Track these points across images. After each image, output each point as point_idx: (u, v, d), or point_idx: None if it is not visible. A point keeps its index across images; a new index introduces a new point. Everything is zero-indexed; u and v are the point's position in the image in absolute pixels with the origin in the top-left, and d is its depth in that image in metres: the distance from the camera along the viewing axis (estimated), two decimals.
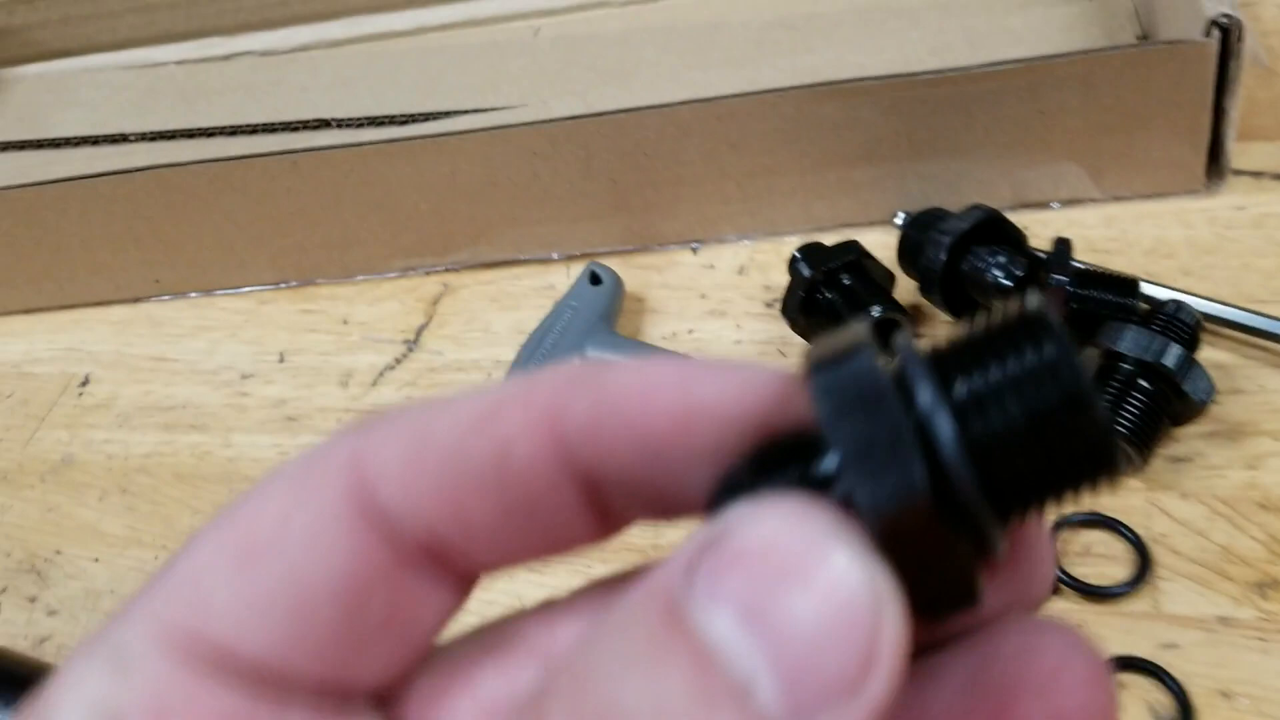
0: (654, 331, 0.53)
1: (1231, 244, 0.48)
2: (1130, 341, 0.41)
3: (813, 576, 0.13)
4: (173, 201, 0.57)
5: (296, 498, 0.16)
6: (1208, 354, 0.44)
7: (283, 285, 0.61)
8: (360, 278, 0.59)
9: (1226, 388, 0.43)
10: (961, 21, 0.58)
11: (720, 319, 0.52)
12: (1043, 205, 0.52)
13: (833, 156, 0.51)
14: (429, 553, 0.16)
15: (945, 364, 0.15)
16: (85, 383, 0.59)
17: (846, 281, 0.47)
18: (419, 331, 0.56)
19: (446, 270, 0.58)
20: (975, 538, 0.15)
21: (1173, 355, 0.40)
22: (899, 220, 0.52)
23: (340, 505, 0.16)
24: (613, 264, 0.54)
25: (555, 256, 0.57)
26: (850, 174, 0.52)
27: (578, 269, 0.56)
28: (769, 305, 0.52)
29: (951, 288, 0.47)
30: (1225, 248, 0.48)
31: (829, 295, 0.47)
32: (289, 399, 0.55)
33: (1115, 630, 0.38)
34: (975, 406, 0.15)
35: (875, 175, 0.52)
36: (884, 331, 0.47)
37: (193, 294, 0.62)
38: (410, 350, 0.56)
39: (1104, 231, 0.50)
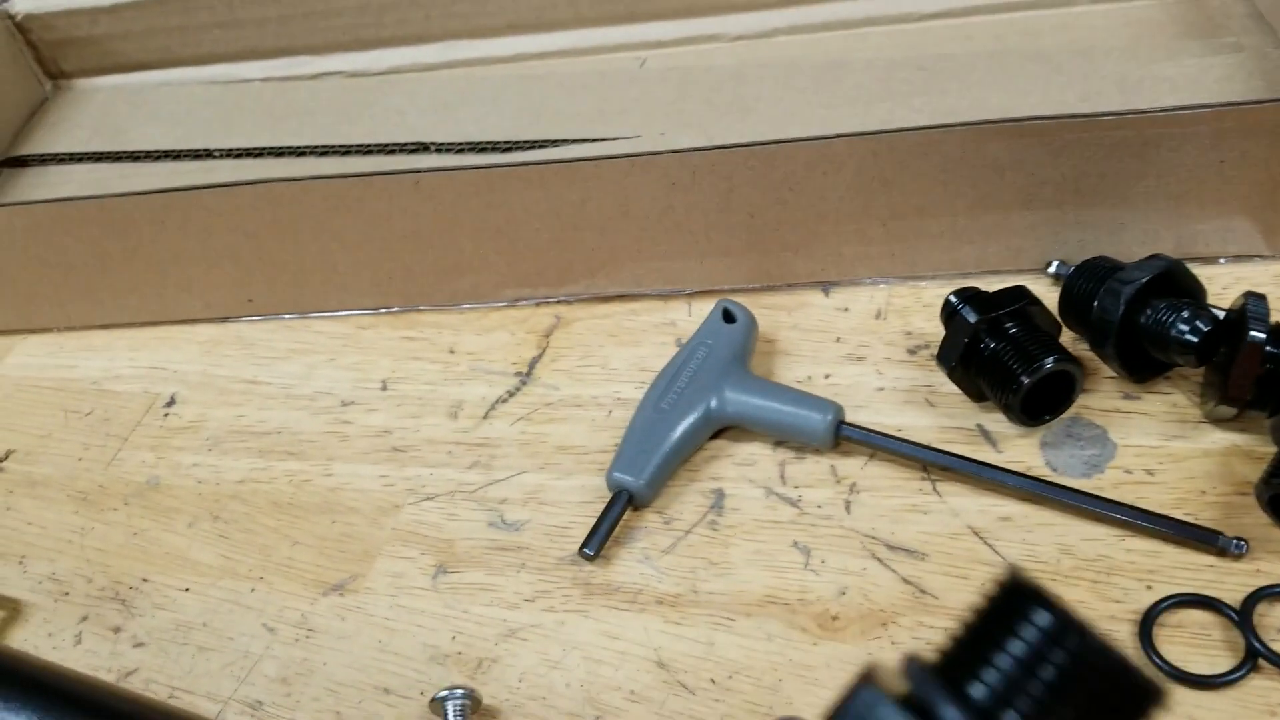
0: (788, 374, 0.50)
1: None
2: None
3: None
4: (279, 218, 0.55)
5: None
6: None
7: (383, 310, 0.58)
8: (466, 306, 0.57)
9: None
10: (1109, 67, 0.56)
11: (859, 364, 0.50)
12: (1209, 260, 0.49)
13: (990, 200, 0.49)
14: None
15: (955, 669, 0.16)
16: (171, 403, 0.56)
17: (1012, 330, 0.45)
18: (532, 364, 0.54)
19: (559, 302, 0.56)
20: None
21: None
22: (1053, 269, 0.50)
23: None
24: (739, 302, 0.52)
25: (677, 292, 0.54)
26: (1006, 218, 0.50)
27: (701, 306, 0.54)
28: (912, 352, 0.49)
29: (1127, 343, 0.44)
30: None
31: (993, 344, 0.44)
32: (394, 428, 0.52)
33: None
34: (1000, 703, 0.16)
35: (1032, 221, 0.50)
36: (1061, 385, 0.44)
37: (287, 315, 0.59)
38: (523, 383, 0.53)
39: (1274, 290, 0.47)
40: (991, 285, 0.47)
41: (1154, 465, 0.43)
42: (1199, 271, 0.49)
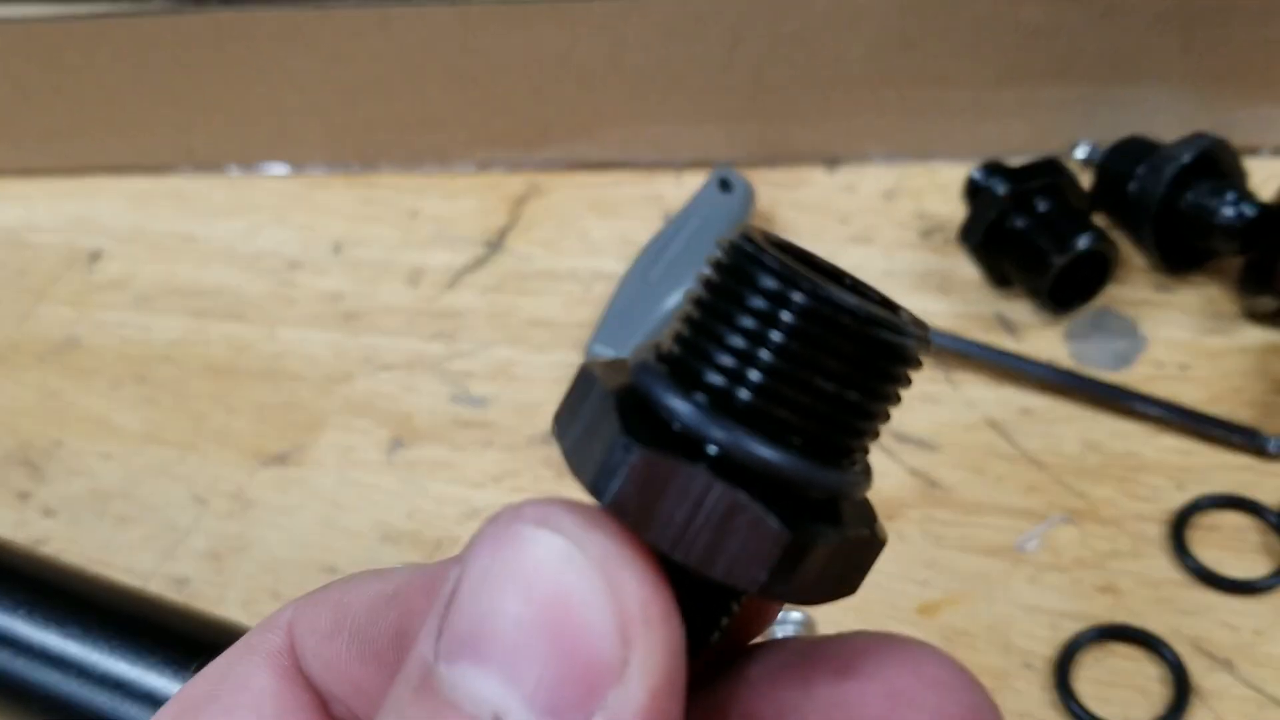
0: None
1: None
2: None
3: (520, 587, 0.14)
4: (224, 54, 0.50)
5: (238, 654, 0.18)
6: None
7: (338, 169, 0.53)
8: (430, 168, 0.52)
9: None
10: None
11: (865, 246, 0.46)
12: (1248, 151, 0.46)
13: (1020, 69, 0.45)
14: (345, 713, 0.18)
15: (686, 353, 0.15)
16: (96, 258, 0.51)
17: (1043, 207, 0.41)
18: (503, 232, 0.49)
19: (534, 170, 0.51)
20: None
21: None
22: (1080, 153, 0.46)
23: (271, 664, 0.18)
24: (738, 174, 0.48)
25: (665, 163, 0.50)
26: (1034, 93, 0.46)
27: (691, 180, 0.50)
28: (925, 235, 0.46)
29: (1166, 227, 0.41)
30: None
31: (1021, 221, 0.41)
32: (347, 293, 0.48)
33: None
34: (733, 381, 0.14)
35: (1063, 97, 0.46)
36: (1092, 270, 0.41)
37: (231, 169, 0.54)
38: (494, 252, 0.48)
39: None
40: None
41: (1187, 360, 0.40)
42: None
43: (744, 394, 0.15)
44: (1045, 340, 0.41)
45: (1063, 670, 0.32)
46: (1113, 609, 0.34)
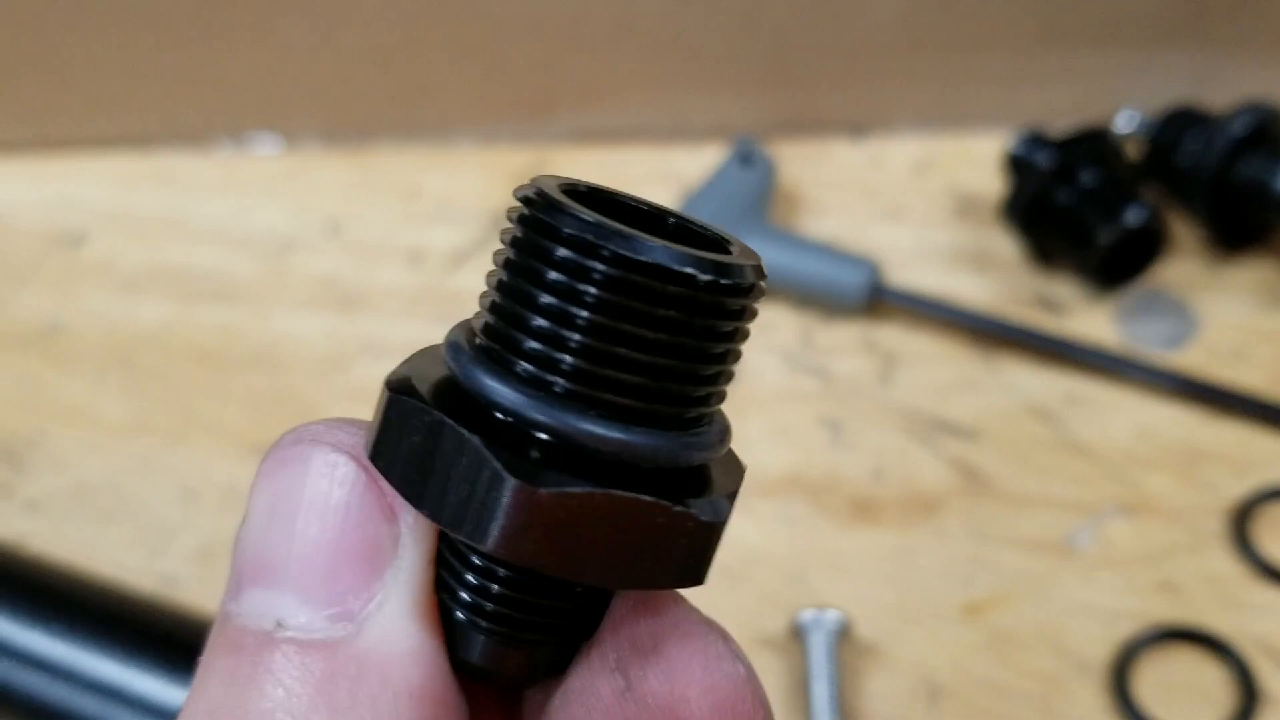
0: (812, 230, 0.44)
1: None
2: None
3: (286, 505, 0.16)
4: (211, 20, 0.48)
5: None
6: None
7: (334, 143, 0.51)
8: (431, 141, 0.50)
9: None
10: None
11: (896, 223, 0.44)
12: None
13: (1065, 29, 0.43)
14: None
15: (502, 327, 0.15)
16: (80, 239, 0.50)
17: (1089, 180, 0.39)
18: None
19: (541, 142, 0.49)
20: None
21: None
22: (1125, 122, 0.45)
23: None
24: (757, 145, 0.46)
25: (680, 134, 0.48)
26: (1076, 57, 0.44)
27: (709, 152, 0.48)
28: (959, 211, 0.44)
29: (1220, 199, 0.39)
30: None
31: (1066, 195, 0.39)
32: (344, 275, 0.46)
33: None
34: (555, 346, 0.14)
35: (1106, 62, 0.44)
36: (1142, 247, 0.39)
37: (222, 143, 0.52)
38: (497, 230, 0.47)
39: None
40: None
41: (1244, 342, 0.38)
42: None
43: (557, 379, 0.14)
44: (1092, 321, 0.40)
45: (1120, 674, 0.31)
46: (1172, 608, 0.32)
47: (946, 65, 0.45)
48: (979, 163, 0.45)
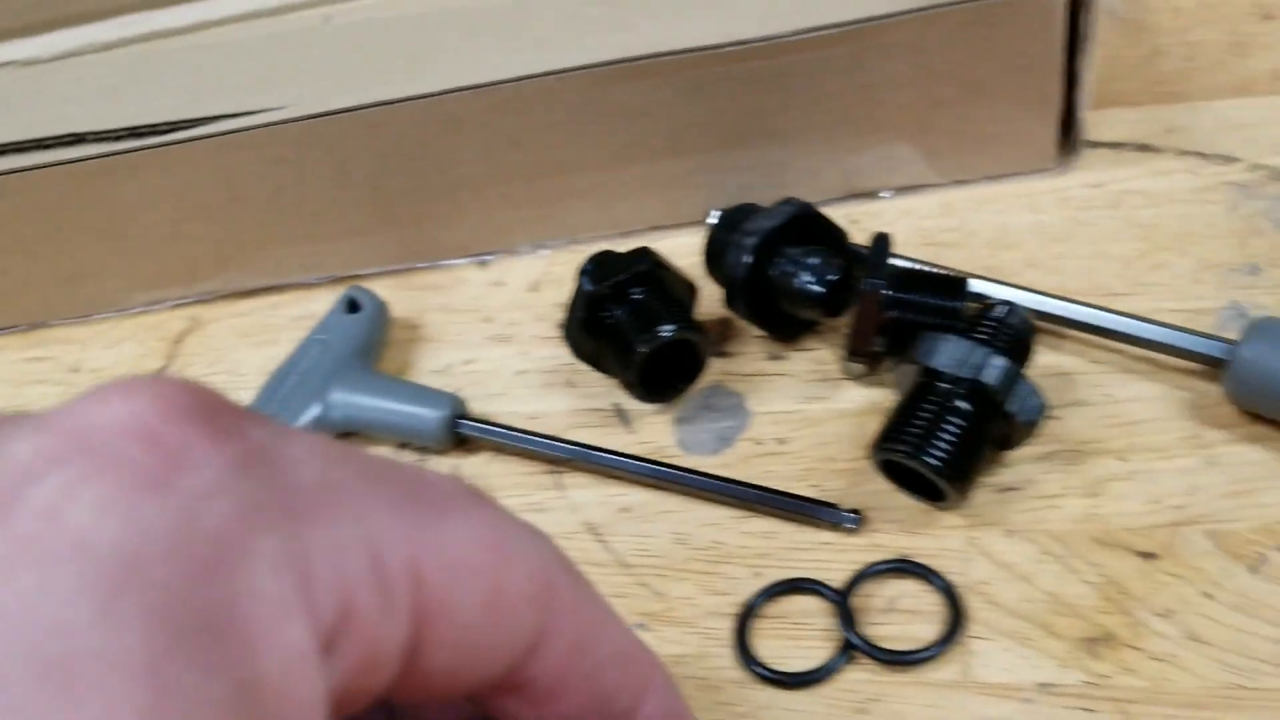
0: (426, 364, 0.47)
1: (1084, 228, 0.43)
2: (946, 355, 0.35)
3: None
4: None
5: None
6: (1049, 359, 0.39)
7: (12, 330, 0.54)
8: (99, 316, 0.53)
9: (1068, 399, 0.38)
10: None
11: (505, 345, 0.47)
12: (876, 194, 0.47)
13: (631, 149, 0.46)
14: None
15: None
16: None
17: (637, 296, 0.42)
18: (158, 375, 0.50)
19: (196, 302, 0.52)
20: None
21: (995, 370, 0.35)
22: (714, 219, 0.47)
23: None
24: (387, 285, 0.49)
25: (322, 279, 0.51)
26: (654, 169, 0.47)
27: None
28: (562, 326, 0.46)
29: (758, 296, 0.42)
30: (1077, 233, 0.43)
31: (615, 312, 0.42)
32: None
33: (917, 705, 0.32)
34: None
35: (684, 169, 0.47)
36: (683, 353, 0.42)
37: None
38: None
39: (941, 221, 0.45)
40: (656, 241, 0.45)
41: (787, 433, 0.40)
42: (866, 208, 0.47)
43: None
44: (657, 428, 0.42)
45: None
46: None
47: (539, 191, 0.48)
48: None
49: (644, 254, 0.43)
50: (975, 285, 0.40)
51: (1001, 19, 0.42)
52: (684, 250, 0.45)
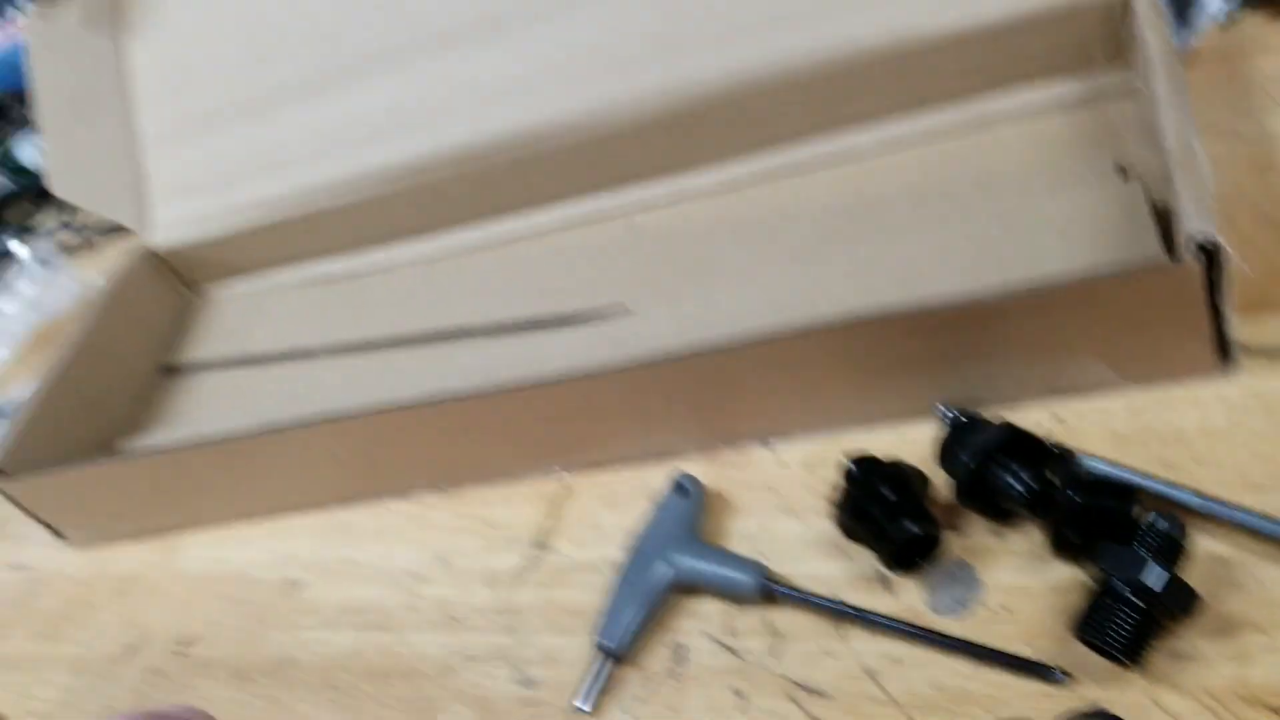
0: (735, 528, 0.64)
1: (1241, 429, 0.54)
2: (1114, 560, 0.49)
3: None
4: (358, 444, 0.74)
5: None
6: (1208, 545, 0.51)
7: (442, 490, 0.76)
8: (495, 481, 0.74)
9: (1224, 580, 0.50)
10: (1000, 204, 0.67)
11: (790, 516, 0.63)
12: (1074, 394, 0.60)
13: (871, 372, 0.61)
14: None
15: None
16: (297, 586, 0.77)
17: (885, 493, 0.57)
18: (547, 533, 0.70)
19: (567, 472, 0.72)
20: None
21: (1153, 575, 0.48)
22: (940, 411, 0.62)
23: None
24: (698, 462, 0.67)
25: (650, 456, 0.69)
26: (893, 382, 0.62)
27: (674, 466, 0.69)
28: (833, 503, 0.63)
29: (982, 495, 0.56)
30: (1235, 434, 0.54)
31: (872, 510, 0.57)
32: (451, 599, 0.70)
33: None
34: None
35: (914, 382, 0.62)
36: (920, 546, 0.57)
37: (374, 499, 0.78)
38: (541, 551, 0.70)
39: (1128, 421, 0.57)
40: (897, 428, 0.60)
41: (1013, 603, 0.55)
42: (1068, 408, 0.60)
43: None
44: (911, 593, 0.57)
45: None
46: None
47: (811, 395, 0.64)
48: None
49: (896, 466, 0.58)
50: (1147, 484, 0.53)
51: (1151, 279, 0.54)
52: (915, 435, 0.61)
